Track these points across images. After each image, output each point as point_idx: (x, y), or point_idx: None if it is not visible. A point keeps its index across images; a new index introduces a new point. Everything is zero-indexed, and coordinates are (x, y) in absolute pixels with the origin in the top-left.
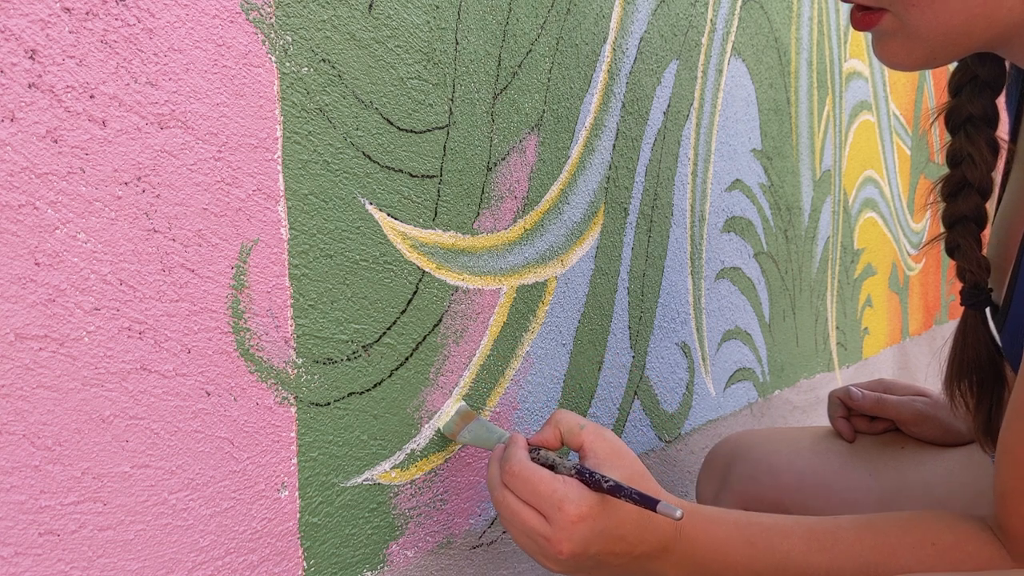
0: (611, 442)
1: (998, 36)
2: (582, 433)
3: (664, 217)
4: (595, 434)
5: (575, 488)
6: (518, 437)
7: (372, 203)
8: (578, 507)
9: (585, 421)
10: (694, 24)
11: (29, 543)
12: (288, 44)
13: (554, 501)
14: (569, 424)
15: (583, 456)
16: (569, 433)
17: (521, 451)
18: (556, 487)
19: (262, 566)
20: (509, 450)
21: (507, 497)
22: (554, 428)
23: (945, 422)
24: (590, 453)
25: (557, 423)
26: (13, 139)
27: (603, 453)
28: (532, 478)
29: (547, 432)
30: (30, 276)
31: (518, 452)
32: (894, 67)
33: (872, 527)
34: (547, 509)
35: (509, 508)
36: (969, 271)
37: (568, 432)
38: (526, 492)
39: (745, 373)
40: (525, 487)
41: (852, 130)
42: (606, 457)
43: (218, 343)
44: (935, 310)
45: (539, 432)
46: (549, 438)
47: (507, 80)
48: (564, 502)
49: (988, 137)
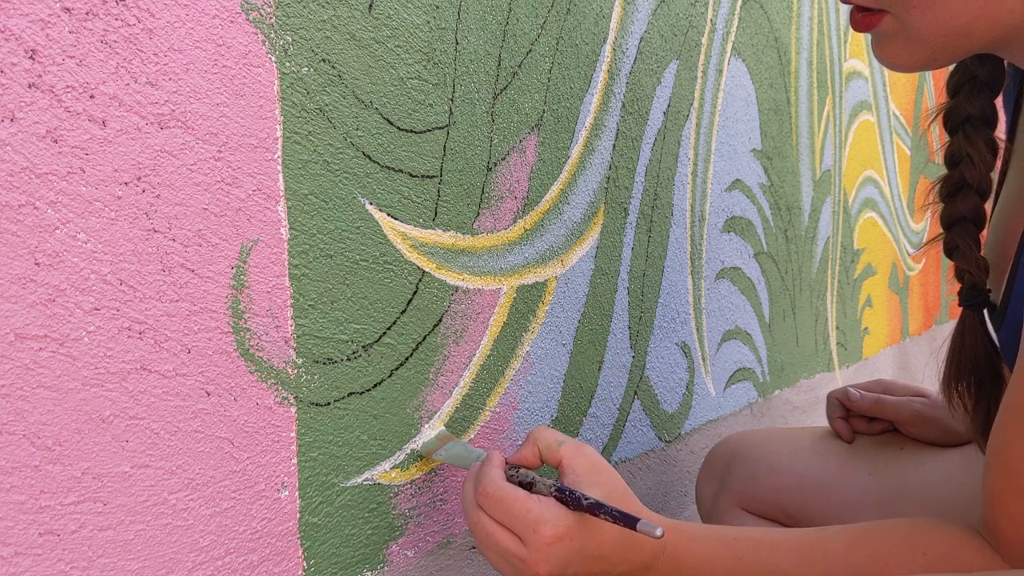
0: (590, 458)
1: (999, 38)
2: (560, 450)
3: (664, 217)
4: (574, 451)
5: (551, 508)
6: (494, 455)
7: (372, 203)
8: (554, 528)
9: (564, 437)
10: (694, 24)
11: (29, 543)
12: (288, 44)
13: (528, 522)
14: (547, 441)
15: (562, 473)
16: (547, 450)
17: (496, 470)
18: (531, 507)
19: (262, 566)
20: (483, 469)
21: (481, 519)
22: (532, 445)
23: (944, 423)
24: (569, 470)
25: (535, 440)
26: (13, 139)
27: (582, 470)
28: (506, 499)
29: (525, 450)
30: (30, 276)
31: (492, 471)
32: (894, 68)
33: (863, 538)
34: (522, 530)
35: (484, 530)
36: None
37: (546, 449)
38: (500, 513)
39: (745, 373)
40: (499, 508)
41: (852, 130)
42: (585, 474)
43: (218, 343)
44: (935, 310)
45: (518, 450)
46: (528, 456)
47: (507, 80)
48: (539, 523)
49: (987, 137)
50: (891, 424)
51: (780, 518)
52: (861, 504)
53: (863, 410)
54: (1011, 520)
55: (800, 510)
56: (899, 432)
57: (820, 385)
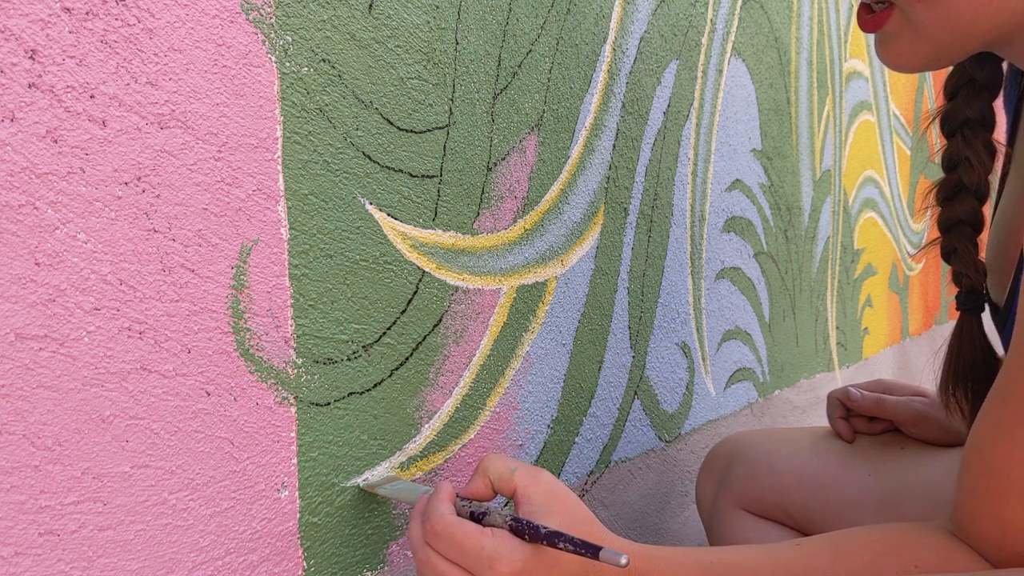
0: (547, 485)
1: (1001, 36)
2: (514, 478)
3: (664, 217)
4: (528, 479)
5: (505, 541)
6: (443, 487)
7: (372, 203)
8: (510, 564)
9: (516, 463)
10: (694, 24)
11: (29, 543)
12: (288, 44)
13: (482, 559)
14: (498, 470)
15: (517, 504)
16: (499, 480)
17: (445, 504)
18: (484, 543)
19: (262, 566)
20: (431, 504)
21: (431, 558)
22: (483, 477)
23: (944, 422)
24: (524, 500)
25: (485, 471)
26: (13, 139)
27: (538, 499)
28: (456, 535)
29: (476, 483)
30: (30, 276)
31: (440, 506)
32: (898, 68)
33: (846, 555)
34: (476, 568)
35: (435, 570)
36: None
37: (498, 479)
38: (451, 551)
39: (745, 373)
40: (449, 545)
41: (852, 130)
42: (542, 503)
43: (218, 343)
44: (935, 310)
45: (468, 483)
46: (479, 488)
47: (507, 80)
48: (494, 559)
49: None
50: (891, 424)
51: (780, 518)
52: (861, 504)
53: (864, 410)
54: (993, 522)
55: (800, 510)
56: (900, 432)
57: (820, 385)
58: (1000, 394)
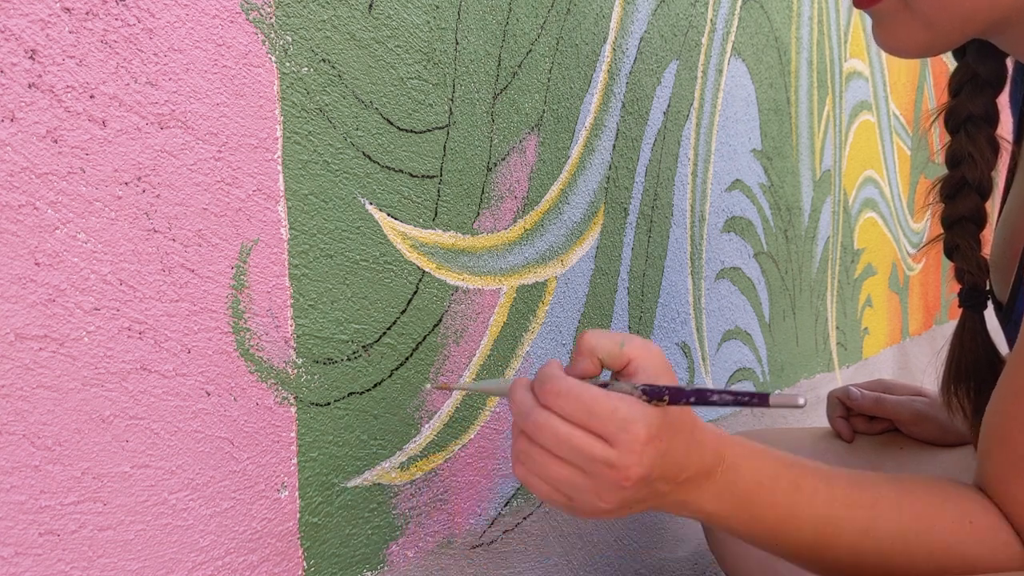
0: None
1: (999, 20)
2: (624, 351)
3: (664, 217)
4: (642, 348)
5: (639, 405)
6: (550, 362)
7: (372, 203)
8: (647, 427)
9: (620, 336)
10: (694, 24)
11: (29, 543)
12: (288, 44)
13: (616, 420)
14: (606, 348)
15: (629, 376)
16: (610, 356)
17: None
18: (617, 405)
19: (262, 566)
20: (546, 371)
21: (551, 420)
22: (589, 356)
23: (944, 422)
24: (639, 371)
25: (592, 351)
26: (13, 139)
27: (655, 369)
28: (584, 395)
29: (583, 363)
30: (30, 276)
31: (557, 371)
32: (894, 52)
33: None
34: (608, 430)
35: (555, 433)
36: (968, 272)
37: (608, 356)
38: (579, 412)
39: (745, 373)
40: (577, 406)
41: (852, 130)
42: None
43: (218, 343)
44: (935, 310)
45: (571, 365)
46: (588, 367)
47: (507, 80)
48: (629, 422)
49: (988, 136)
50: (891, 424)
51: None
52: None
53: (864, 409)
54: (1018, 503)
55: None
56: (899, 432)
57: (820, 385)
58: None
